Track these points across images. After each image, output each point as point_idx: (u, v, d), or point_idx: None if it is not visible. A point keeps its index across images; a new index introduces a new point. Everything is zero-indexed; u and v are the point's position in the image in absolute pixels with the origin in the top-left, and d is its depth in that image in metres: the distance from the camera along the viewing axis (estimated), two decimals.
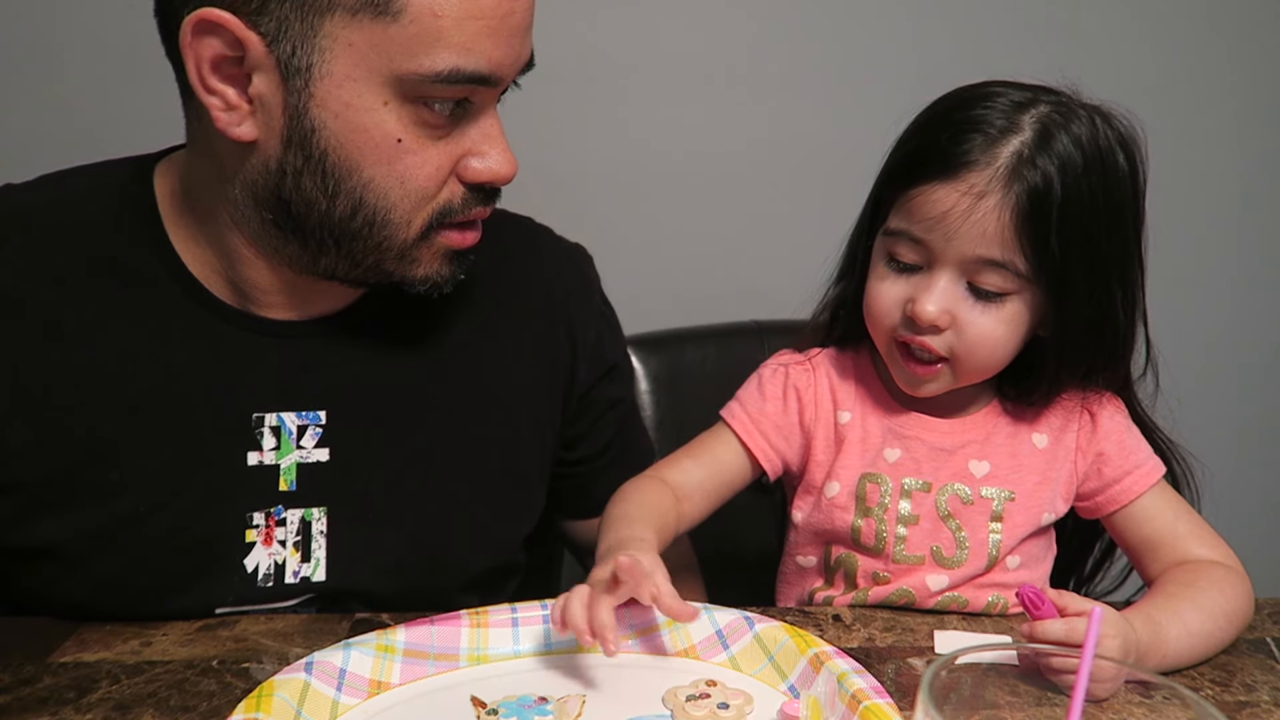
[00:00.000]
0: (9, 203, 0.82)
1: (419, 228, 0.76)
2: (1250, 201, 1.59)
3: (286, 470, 0.82)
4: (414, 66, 0.69)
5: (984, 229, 0.76)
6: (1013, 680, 0.55)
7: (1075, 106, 0.79)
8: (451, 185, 0.76)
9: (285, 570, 0.82)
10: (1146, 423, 0.90)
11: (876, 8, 1.46)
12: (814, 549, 0.91)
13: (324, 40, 0.68)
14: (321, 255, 0.77)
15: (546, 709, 0.66)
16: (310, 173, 0.72)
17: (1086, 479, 0.87)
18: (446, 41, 0.69)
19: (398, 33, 0.68)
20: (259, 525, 0.81)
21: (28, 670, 0.71)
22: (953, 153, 0.77)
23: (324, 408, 0.83)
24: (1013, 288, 0.78)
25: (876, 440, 0.88)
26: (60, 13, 1.33)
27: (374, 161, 0.72)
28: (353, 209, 0.74)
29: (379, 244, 0.76)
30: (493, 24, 0.70)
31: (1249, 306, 1.63)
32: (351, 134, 0.71)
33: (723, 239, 1.52)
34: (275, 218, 0.75)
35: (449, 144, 0.74)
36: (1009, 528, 0.85)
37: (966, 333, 0.80)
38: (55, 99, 1.34)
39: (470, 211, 0.77)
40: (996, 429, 0.88)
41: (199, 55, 0.69)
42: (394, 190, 0.73)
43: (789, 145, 1.49)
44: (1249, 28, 1.52)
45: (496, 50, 0.71)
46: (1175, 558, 0.83)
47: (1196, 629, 0.76)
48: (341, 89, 0.69)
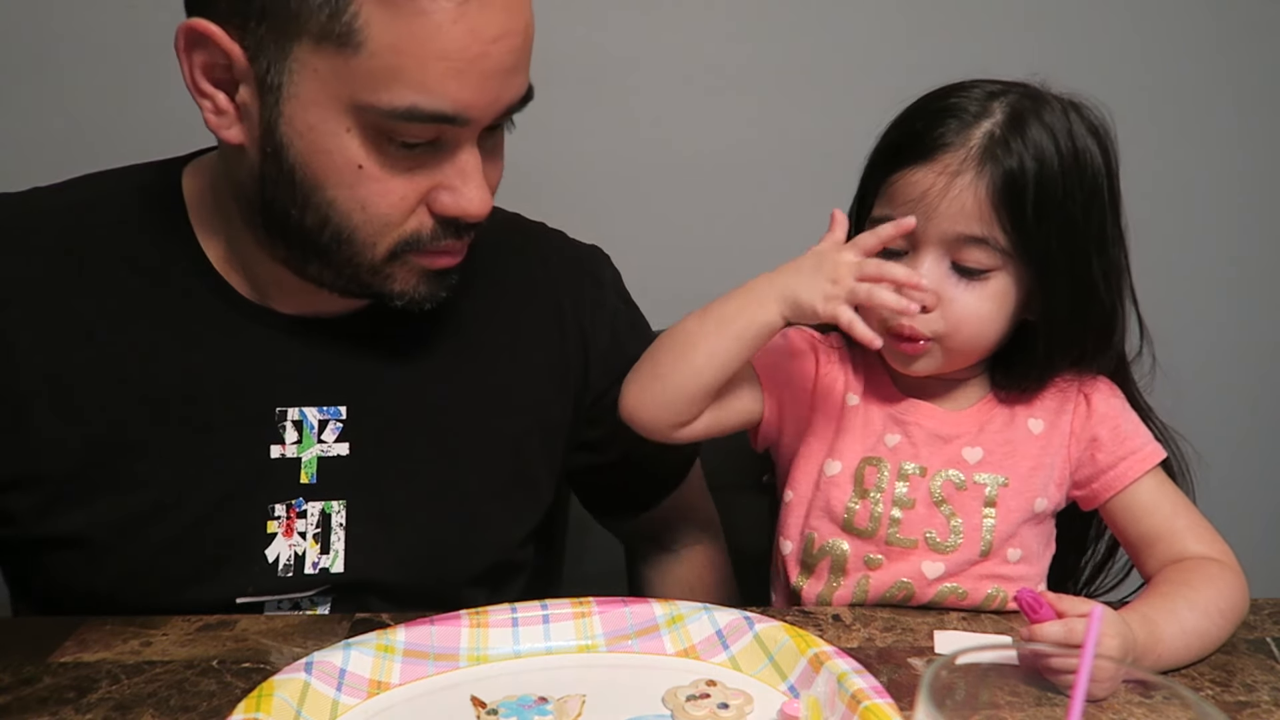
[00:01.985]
0: (35, 203, 0.83)
1: (384, 251, 0.76)
2: (1249, 191, 1.59)
3: (308, 463, 0.83)
4: (373, 99, 0.69)
5: (961, 205, 0.79)
6: (1013, 680, 0.55)
7: (1047, 96, 0.83)
8: (420, 215, 0.75)
9: (305, 561, 0.83)
10: (1142, 406, 0.90)
11: (879, 9, 1.46)
12: (795, 533, 0.91)
13: (293, 63, 0.69)
14: (306, 263, 0.78)
15: (546, 709, 0.66)
16: (283, 184, 0.73)
17: (1081, 465, 0.88)
18: (406, 79, 0.68)
19: (358, 65, 0.68)
20: (280, 517, 0.82)
21: (28, 670, 0.71)
22: (928, 137, 0.81)
23: (345, 403, 0.84)
24: (995, 263, 0.81)
25: (878, 426, 0.89)
26: (60, 13, 1.33)
27: (336, 184, 0.72)
28: (320, 223, 0.74)
29: (349, 259, 0.76)
30: (459, 66, 0.69)
31: (1247, 300, 1.63)
32: (315, 154, 0.71)
33: (726, 237, 1.51)
34: (263, 221, 0.77)
35: (417, 176, 0.74)
36: (1003, 513, 0.86)
37: (952, 310, 0.82)
38: (55, 99, 1.34)
39: (440, 244, 0.77)
40: (993, 415, 0.89)
41: (192, 60, 0.72)
42: (356, 214, 0.73)
43: (791, 145, 1.49)
44: (1250, 21, 1.52)
45: (464, 92, 0.70)
46: (1172, 554, 0.84)
47: (1192, 627, 0.76)
48: (307, 111, 0.70)
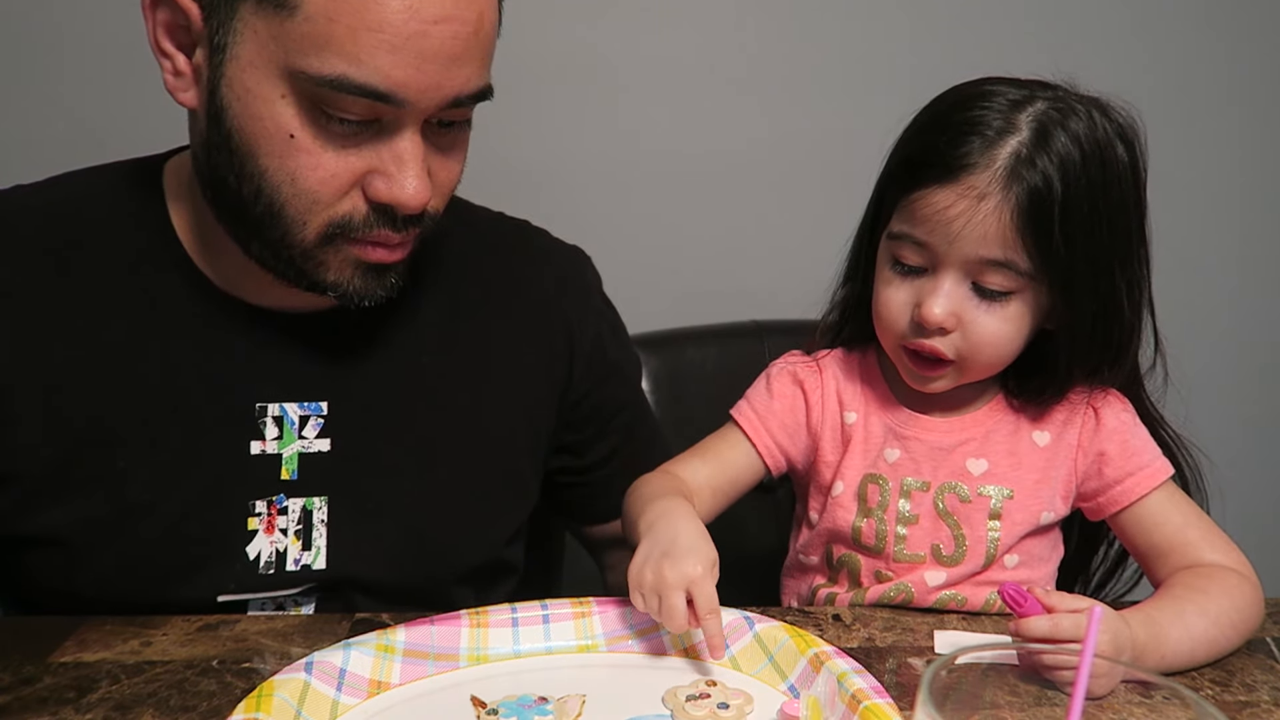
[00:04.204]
0: (14, 201, 0.83)
1: (315, 233, 0.74)
2: (1259, 194, 1.58)
3: (289, 459, 0.83)
4: (304, 65, 0.68)
5: (985, 230, 0.76)
6: (1013, 680, 0.55)
7: (1072, 101, 0.79)
8: (354, 198, 0.73)
9: (286, 558, 0.83)
10: (1155, 418, 0.89)
11: (875, 7, 1.46)
12: (817, 549, 0.92)
13: (238, 23, 0.69)
14: (249, 242, 0.76)
15: (546, 709, 0.66)
16: (222, 149, 0.73)
17: (1087, 478, 0.87)
18: (337, 47, 0.67)
19: (293, 28, 0.67)
20: (261, 514, 0.82)
21: (28, 670, 0.71)
22: (951, 156, 0.77)
23: (326, 399, 0.84)
24: (1016, 286, 0.79)
25: (878, 440, 0.88)
26: (60, 13, 1.33)
27: (267, 152, 0.71)
28: (254, 194, 0.73)
29: (281, 237, 0.74)
30: (394, 41, 0.67)
31: (1258, 303, 1.63)
32: (250, 120, 0.71)
33: (722, 239, 1.52)
34: (211, 194, 0.76)
35: (351, 155, 0.72)
36: (1007, 526, 0.85)
37: (972, 332, 0.80)
38: (56, 99, 1.34)
39: (374, 232, 0.74)
40: (998, 426, 0.87)
41: (155, 19, 0.72)
42: (285, 185, 0.72)
43: (789, 145, 1.49)
44: (1255, 17, 1.52)
45: (397, 70, 0.68)
46: (1185, 564, 0.82)
47: (1200, 634, 0.75)
48: (245, 74, 0.70)
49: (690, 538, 0.73)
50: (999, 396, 0.89)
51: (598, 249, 1.04)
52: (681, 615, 0.70)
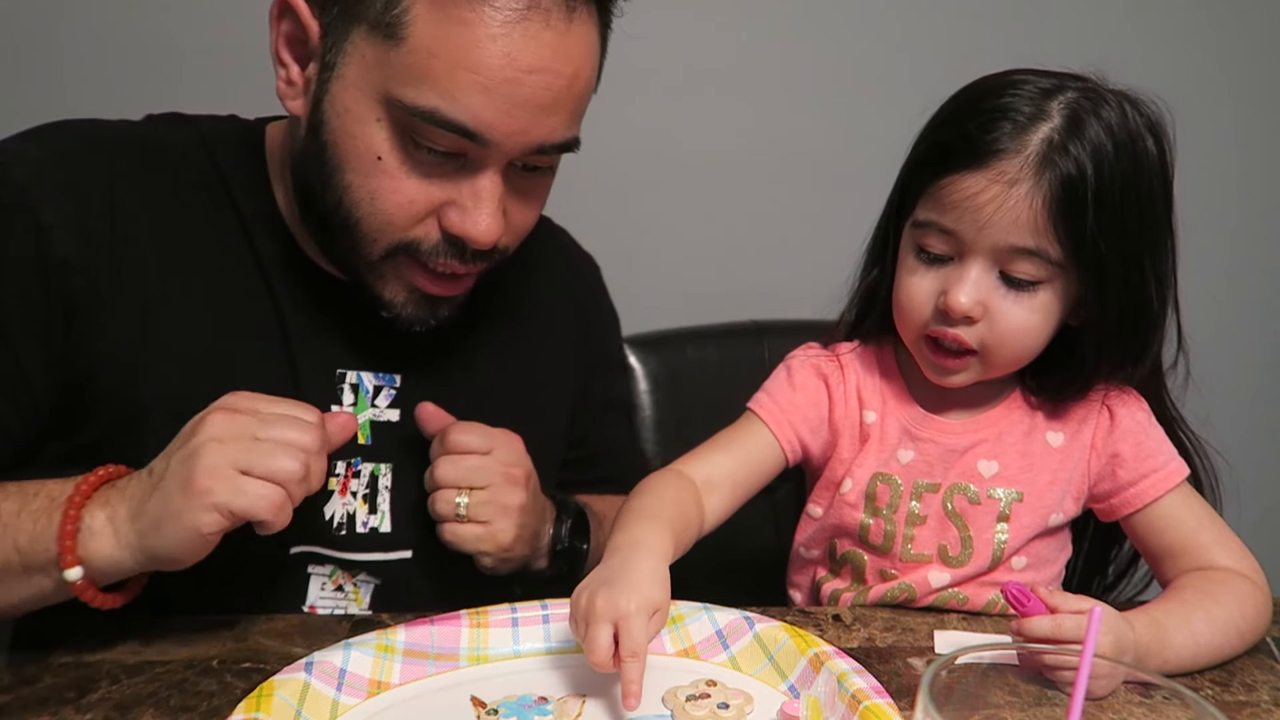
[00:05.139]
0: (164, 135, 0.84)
1: (383, 248, 0.78)
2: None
3: (363, 425, 0.86)
4: (400, 94, 0.72)
5: (1016, 217, 0.75)
6: (1013, 680, 0.55)
7: (1103, 92, 0.78)
8: (428, 225, 0.77)
9: (355, 521, 0.86)
10: (1173, 418, 0.88)
11: (876, 8, 1.46)
12: (820, 543, 0.92)
13: (349, 46, 0.73)
14: (330, 242, 0.81)
15: (546, 709, 0.66)
16: (315, 158, 0.77)
17: (1099, 480, 0.86)
18: (434, 82, 0.71)
19: (396, 58, 0.71)
20: (339, 474, 0.86)
21: (28, 670, 0.71)
22: (982, 141, 0.75)
23: (400, 371, 0.88)
24: (1045, 275, 0.77)
25: (893, 440, 0.88)
26: (61, 13, 1.33)
27: (354, 169, 0.75)
28: (335, 204, 0.77)
29: (351, 247, 0.78)
30: (488, 84, 0.70)
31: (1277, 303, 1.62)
32: (344, 137, 0.75)
33: (722, 239, 1.52)
34: (300, 196, 0.81)
35: (433, 185, 0.75)
36: (1015, 528, 0.85)
37: (999, 323, 0.79)
38: (56, 99, 1.34)
39: (438, 260, 0.78)
40: (1012, 426, 0.86)
41: (279, 30, 0.77)
42: (364, 203, 0.76)
43: (789, 145, 1.49)
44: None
45: (487, 111, 0.71)
46: (1196, 566, 0.81)
47: (1205, 640, 0.74)
48: (346, 93, 0.74)
49: (639, 575, 0.69)
50: (1016, 393, 0.88)
51: (598, 249, 1.04)
52: (602, 650, 0.64)
